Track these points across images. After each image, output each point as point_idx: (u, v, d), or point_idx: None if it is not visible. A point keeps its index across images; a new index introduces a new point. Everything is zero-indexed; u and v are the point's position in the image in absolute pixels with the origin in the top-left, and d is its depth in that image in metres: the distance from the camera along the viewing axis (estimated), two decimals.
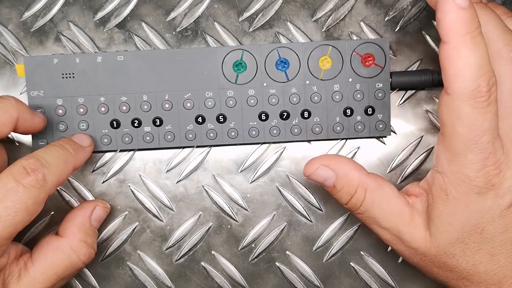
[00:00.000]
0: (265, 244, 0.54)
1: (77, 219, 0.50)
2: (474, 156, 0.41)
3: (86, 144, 0.50)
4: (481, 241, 0.43)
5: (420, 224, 0.45)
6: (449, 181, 0.43)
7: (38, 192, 0.43)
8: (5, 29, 0.53)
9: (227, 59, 0.51)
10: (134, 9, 0.53)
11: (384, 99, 0.51)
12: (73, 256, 0.47)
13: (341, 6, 0.53)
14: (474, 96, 0.39)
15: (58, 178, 0.45)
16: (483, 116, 0.39)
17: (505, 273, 0.43)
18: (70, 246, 0.48)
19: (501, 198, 0.42)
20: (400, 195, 0.46)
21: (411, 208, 0.46)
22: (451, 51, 0.39)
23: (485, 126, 0.40)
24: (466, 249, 0.44)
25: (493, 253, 0.43)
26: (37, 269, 0.46)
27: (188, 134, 0.51)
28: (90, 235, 0.49)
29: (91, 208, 0.50)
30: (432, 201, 0.44)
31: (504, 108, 0.42)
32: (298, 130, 0.51)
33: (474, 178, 0.41)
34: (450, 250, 0.44)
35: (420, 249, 0.45)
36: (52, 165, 0.44)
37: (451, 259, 0.44)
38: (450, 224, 0.43)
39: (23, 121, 0.46)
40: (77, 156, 0.48)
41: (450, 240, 0.44)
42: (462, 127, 0.40)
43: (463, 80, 0.39)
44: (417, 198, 0.46)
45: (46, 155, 0.45)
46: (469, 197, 0.42)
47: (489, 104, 0.39)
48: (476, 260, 0.44)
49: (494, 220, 0.42)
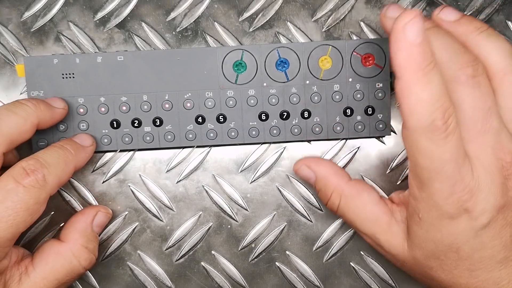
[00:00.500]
0: (265, 244, 0.54)
1: (79, 224, 0.49)
2: (440, 185, 0.41)
3: (87, 144, 0.50)
4: (458, 259, 0.43)
5: (397, 233, 0.46)
6: (421, 206, 0.43)
7: (39, 192, 0.43)
8: (5, 29, 0.53)
9: (227, 59, 0.51)
10: (134, 9, 0.53)
11: (384, 99, 0.51)
12: (74, 262, 0.47)
13: (341, 6, 0.53)
14: (430, 130, 0.39)
15: (59, 178, 0.45)
16: (442, 148, 0.39)
17: (486, 286, 0.43)
18: (71, 251, 0.48)
19: (474, 221, 0.42)
20: (380, 202, 0.47)
21: (390, 216, 0.46)
22: (404, 87, 0.39)
23: (446, 157, 0.39)
24: (444, 264, 0.44)
25: (471, 269, 0.43)
26: (38, 273, 0.46)
27: (188, 134, 0.51)
28: (92, 241, 0.49)
29: (93, 214, 0.50)
30: (409, 219, 0.45)
31: (468, 132, 0.41)
32: (298, 130, 0.51)
33: (444, 205, 0.41)
34: (427, 263, 0.44)
35: (399, 256, 0.46)
36: (52, 165, 0.45)
37: (429, 270, 0.45)
38: (425, 242, 0.44)
39: (44, 122, 0.47)
40: (78, 156, 0.48)
41: (426, 255, 0.44)
42: (423, 159, 0.40)
43: (417, 117, 0.39)
44: (397, 208, 0.47)
45: (46, 156, 0.45)
46: (441, 221, 0.42)
47: (447, 136, 0.39)
48: (455, 274, 0.44)
49: (469, 240, 0.42)
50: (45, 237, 0.53)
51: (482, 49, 0.43)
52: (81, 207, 0.53)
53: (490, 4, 0.53)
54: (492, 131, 0.42)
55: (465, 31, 0.44)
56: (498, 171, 0.42)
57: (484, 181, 0.41)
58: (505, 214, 0.42)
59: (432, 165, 0.40)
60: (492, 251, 0.43)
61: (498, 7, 0.53)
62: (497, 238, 0.42)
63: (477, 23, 0.45)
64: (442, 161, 0.40)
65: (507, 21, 0.53)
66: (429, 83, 0.38)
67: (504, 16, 0.53)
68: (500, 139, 0.42)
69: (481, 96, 0.41)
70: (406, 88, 0.39)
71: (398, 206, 0.47)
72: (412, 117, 0.39)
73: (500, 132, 0.42)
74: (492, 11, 0.53)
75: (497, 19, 0.53)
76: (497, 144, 0.42)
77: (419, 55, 0.38)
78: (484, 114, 0.41)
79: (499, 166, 0.42)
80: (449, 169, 0.40)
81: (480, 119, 0.41)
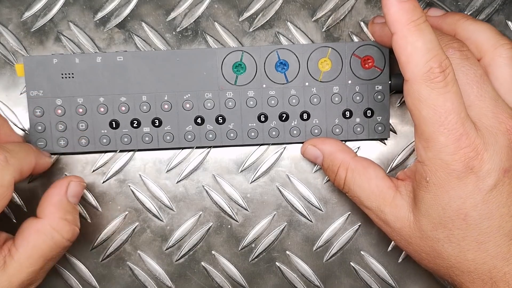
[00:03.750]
0: (265, 244, 0.54)
1: (53, 198, 0.48)
2: (445, 138, 0.41)
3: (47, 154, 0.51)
4: (466, 228, 0.43)
5: (402, 205, 0.46)
6: (428, 169, 0.43)
7: (2, 173, 0.44)
8: (5, 29, 0.53)
9: (227, 60, 0.51)
10: (134, 9, 0.53)
11: (383, 101, 0.51)
12: (56, 236, 0.47)
13: (341, 6, 0.53)
14: (429, 77, 0.41)
15: (21, 163, 0.46)
16: (443, 96, 0.41)
17: (495, 263, 0.43)
18: (50, 226, 0.47)
19: (481, 181, 0.42)
20: (385, 178, 0.48)
21: (394, 190, 0.47)
22: (399, 40, 0.41)
23: (448, 106, 0.41)
24: (451, 235, 0.44)
25: (480, 240, 0.43)
26: (21, 254, 0.45)
27: (187, 135, 0.51)
28: (70, 212, 0.48)
29: (65, 185, 0.49)
30: (415, 187, 0.45)
31: (466, 98, 0.43)
32: (297, 132, 0.51)
33: (451, 162, 0.42)
34: (434, 234, 0.44)
35: (404, 230, 0.46)
36: (13, 150, 0.46)
37: (436, 243, 0.45)
38: (431, 208, 0.44)
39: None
40: (39, 155, 0.49)
41: (433, 224, 0.44)
42: (426, 110, 0.41)
43: (414, 64, 0.41)
44: (402, 182, 0.47)
45: (9, 144, 0.47)
46: (448, 183, 0.43)
47: (446, 85, 0.41)
48: (463, 247, 0.44)
49: (477, 205, 0.42)
50: None
51: (471, 32, 0.46)
52: (81, 207, 0.53)
53: (490, 4, 0.53)
54: (489, 96, 0.44)
55: (453, 19, 0.48)
56: (502, 134, 0.43)
57: (488, 140, 0.42)
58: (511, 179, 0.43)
59: (436, 116, 0.41)
60: (500, 221, 0.43)
61: (498, 7, 0.53)
62: (504, 206, 0.43)
63: (462, 13, 0.49)
64: (445, 110, 0.41)
65: (507, 21, 0.53)
66: (422, 33, 0.41)
67: (504, 16, 0.53)
68: (498, 104, 0.44)
69: (471, 65, 0.44)
70: (401, 39, 0.41)
71: (404, 181, 0.47)
72: (410, 66, 0.41)
73: (496, 98, 0.44)
74: (492, 11, 0.53)
75: (497, 19, 0.53)
76: (496, 108, 0.43)
77: (409, 8, 0.41)
78: (478, 79, 0.44)
79: (502, 129, 0.43)
80: (452, 120, 0.41)
81: (475, 83, 0.44)
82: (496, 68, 0.45)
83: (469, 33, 0.46)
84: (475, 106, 0.43)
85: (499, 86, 0.45)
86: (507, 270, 0.43)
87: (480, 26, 0.46)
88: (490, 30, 0.46)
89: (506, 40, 0.45)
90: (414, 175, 0.45)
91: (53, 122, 0.51)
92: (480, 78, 0.44)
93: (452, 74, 0.41)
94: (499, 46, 0.45)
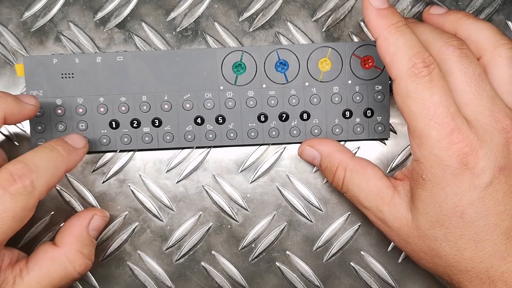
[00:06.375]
0: (265, 244, 0.54)
1: (74, 229, 0.49)
2: (436, 133, 0.42)
3: (80, 145, 0.48)
4: (463, 226, 0.43)
5: (400, 204, 0.46)
6: (423, 166, 0.44)
7: (27, 199, 0.42)
8: (5, 29, 0.53)
9: (227, 60, 0.51)
10: (134, 9, 0.53)
11: (383, 101, 0.51)
12: (68, 267, 0.47)
13: (341, 6, 0.53)
14: (414, 72, 0.42)
15: (48, 183, 0.44)
16: (430, 90, 0.42)
17: (493, 262, 0.43)
18: (66, 256, 0.47)
19: (477, 178, 0.42)
20: (383, 177, 0.48)
21: (393, 190, 0.47)
22: (382, 43, 0.43)
23: (435, 99, 0.42)
24: (448, 234, 0.44)
25: (477, 238, 0.43)
26: (32, 278, 0.45)
27: (187, 135, 0.51)
28: (87, 246, 0.48)
29: (89, 217, 0.49)
30: (413, 186, 0.45)
31: (463, 95, 0.44)
32: (297, 132, 0.51)
33: (445, 157, 0.42)
34: (432, 233, 0.44)
35: (402, 229, 0.46)
36: (41, 169, 0.43)
37: (434, 242, 0.45)
38: (429, 206, 0.44)
39: (12, 116, 0.45)
40: (70, 158, 0.46)
41: (431, 223, 0.44)
42: (415, 104, 0.42)
43: (399, 61, 0.42)
44: (400, 182, 0.47)
45: (35, 159, 0.44)
46: (444, 179, 0.43)
47: (431, 79, 0.42)
48: (460, 246, 0.44)
49: (473, 203, 0.43)
50: (45, 237, 0.53)
51: (472, 30, 0.47)
52: (81, 207, 0.53)
53: (490, 4, 0.53)
54: (486, 94, 0.44)
55: (455, 18, 0.48)
56: (498, 132, 0.43)
57: (483, 137, 0.43)
58: (507, 178, 0.43)
59: (424, 109, 0.42)
60: (496, 219, 0.43)
61: (498, 7, 0.53)
62: (501, 204, 0.43)
63: (464, 12, 0.49)
64: (433, 104, 0.42)
65: (507, 21, 0.53)
66: (403, 33, 0.43)
67: (504, 16, 0.53)
68: (496, 103, 0.44)
69: (470, 63, 0.44)
70: (383, 41, 0.43)
71: (402, 181, 0.47)
72: (395, 64, 0.43)
73: (494, 97, 0.44)
74: (492, 11, 0.53)
75: (497, 19, 0.53)
76: (493, 107, 0.44)
77: (387, 14, 0.43)
78: (476, 77, 0.44)
79: (498, 128, 0.43)
80: (442, 114, 0.42)
81: (473, 81, 0.44)
82: (494, 68, 0.46)
83: (470, 32, 0.47)
84: (472, 104, 0.43)
85: (497, 86, 0.45)
86: (505, 269, 0.43)
87: (481, 25, 0.47)
88: (491, 29, 0.46)
89: (506, 40, 0.46)
90: (412, 174, 0.45)
91: (53, 122, 0.51)
92: (479, 77, 0.44)
93: (438, 70, 0.42)
94: (499, 45, 0.46)
